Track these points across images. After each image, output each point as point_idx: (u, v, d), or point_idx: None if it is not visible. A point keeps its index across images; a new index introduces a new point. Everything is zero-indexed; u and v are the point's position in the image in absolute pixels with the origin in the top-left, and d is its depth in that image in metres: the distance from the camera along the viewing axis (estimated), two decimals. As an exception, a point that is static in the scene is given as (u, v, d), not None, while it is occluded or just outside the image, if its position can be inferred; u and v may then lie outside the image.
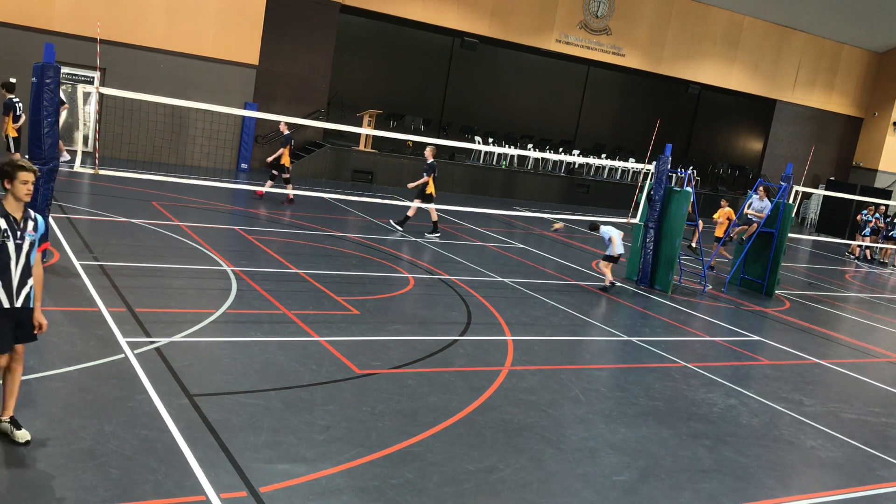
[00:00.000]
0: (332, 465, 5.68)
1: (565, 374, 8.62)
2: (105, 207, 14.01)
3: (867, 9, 31.23)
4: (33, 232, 5.29)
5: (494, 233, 18.43)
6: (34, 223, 5.33)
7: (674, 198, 14.00)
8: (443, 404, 7.17)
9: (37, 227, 5.33)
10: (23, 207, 5.26)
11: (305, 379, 7.31)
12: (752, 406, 8.51)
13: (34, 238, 5.30)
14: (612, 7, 28.97)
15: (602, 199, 28.45)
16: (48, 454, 5.25)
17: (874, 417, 8.81)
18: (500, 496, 5.67)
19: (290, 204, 17.58)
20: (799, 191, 16.63)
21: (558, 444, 6.70)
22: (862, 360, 11.52)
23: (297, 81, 24.19)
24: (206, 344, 7.95)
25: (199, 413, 6.21)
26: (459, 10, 26.42)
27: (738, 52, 31.92)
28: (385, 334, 9.09)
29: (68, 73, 19.21)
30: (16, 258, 5.20)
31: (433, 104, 30.59)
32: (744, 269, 15.78)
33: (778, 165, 33.52)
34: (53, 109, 9.79)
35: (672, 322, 11.99)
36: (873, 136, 35.60)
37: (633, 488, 6.09)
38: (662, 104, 33.49)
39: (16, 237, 5.19)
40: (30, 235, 5.27)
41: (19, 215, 5.24)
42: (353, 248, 13.89)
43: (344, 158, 24.26)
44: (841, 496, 6.62)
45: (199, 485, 5.14)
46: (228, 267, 11.10)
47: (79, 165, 10.94)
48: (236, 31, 22.03)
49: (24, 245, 5.25)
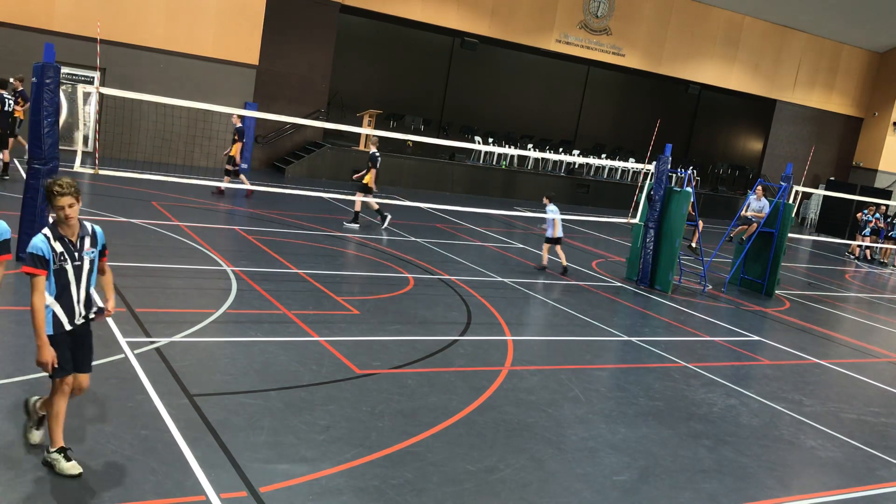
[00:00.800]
0: (332, 465, 5.68)
1: (565, 374, 8.62)
2: (105, 207, 14.01)
3: (867, 9, 31.22)
4: (92, 248, 5.05)
5: (494, 233, 18.43)
6: (92, 238, 5.07)
7: (674, 198, 14.00)
8: (443, 404, 7.17)
9: (96, 241, 5.09)
10: (78, 226, 4.97)
11: (305, 379, 7.31)
12: (752, 406, 8.51)
13: (93, 255, 5.06)
14: (612, 7, 28.97)
15: (602, 200, 28.45)
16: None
17: (874, 417, 8.81)
18: (500, 496, 5.67)
19: (220, 195, 17.27)
20: (799, 191, 16.62)
21: (558, 444, 6.70)
22: (862, 360, 11.52)
23: (297, 81, 24.20)
24: (206, 344, 7.95)
25: (199, 413, 6.21)
26: (459, 10, 26.43)
27: (738, 52, 31.92)
28: (385, 334, 9.09)
29: (68, 73, 19.20)
30: (76, 280, 4.98)
31: (433, 104, 30.60)
32: (744, 269, 15.78)
33: (778, 165, 33.52)
34: (53, 109, 9.80)
35: (672, 322, 11.99)
36: (873, 136, 35.60)
37: (633, 488, 6.09)
38: (662, 104, 33.50)
39: (73, 259, 4.94)
40: (88, 254, 5.02)
41: (74, 236, 4.96)
42: (353, 248, 13.88)
43: (344, 158, 24.26)
44: (841, 496, 6.62)
45: (199, 485, 5.14)
46: (228, 267, 11.11)
47: (79, 165, 10.94)
48: (236, 31, 22.04)
49: (85, 265, 5.01)
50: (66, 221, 4.87)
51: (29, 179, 9.84)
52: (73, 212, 4.85)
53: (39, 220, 9.85)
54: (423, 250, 14.70)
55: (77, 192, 4.86)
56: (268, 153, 24.36)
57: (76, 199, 4.85)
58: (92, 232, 5.10)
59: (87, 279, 5.06)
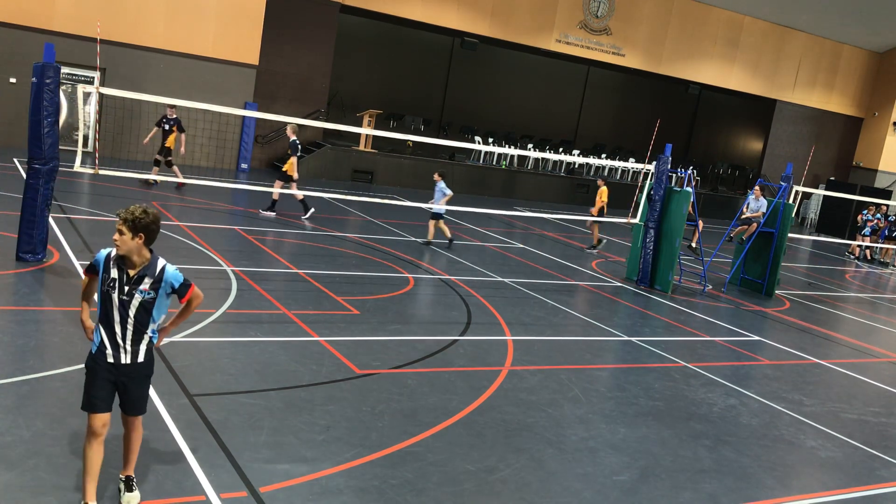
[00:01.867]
0: (332, 465, 5.68)
1: (565, 374, 8.62)
2: (105, 207, 14.02)
3: (867, 9, 31.22)
4: (149, 290, 4.59)
5: (494, 233, 18.43)
6: (154, 281, 4.61)
7: (674, 198, 14.00)
8: (443, 404, 7.17)
9: (159, 285, 4.62)
10: (147, 260, 4.62)
11: (305, 379, 7.31)
12: (752, 406, 8.51)
13: (147, 297, 4.59)
14: (612, 7, 28.97)
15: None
16: (49, 454, 5.24)
17: (874, 417, 8.81)
18: (500, 496, 5.66)
19: (148, 187, 16.90)
20: (799, 191, 16.62)
21: (558, 444, 6.70)
22: (862, 360, 11.52)
23: (297, 81, 24.20)
24: (206, 344, 7.95)
25: (199, 413, 6.21)
26: (459, 10, 26.43)
27: (738, 52, 31.92)
28: (385, 334, 9.09)
29: (68, 73, 19.21)
30: (119, 314, 4.57)
31: (433, 104, 30.60)
32: (744, 269, 15.79)
33: (778, 165, 33.53)
34: (53, 109, 9.80)
35: (672, 322, 11.99)
36: (873, 136, 35.60)
37: (633, 488, 6.09)
38: (662, 104, 33.49)
39: (122, 292, 4.55)
40: (141, 293, 4.57)
41: (134, 269, 4.58)
42: (353, 248, 13.89)
43: (344, 158, 24.27)
44: (841, 496, 6.62)
45: (199, 485, 5.14)
46: (228, 267, 11.10)
47: (79, 165, 10.94)
48: (236, 31, 22.04)
49: (133, 302, 4.57)
50: (117, 248, 4.57)
51: (29, 179, 9.84)
52: (119, 239, 4.52)
53: (39, 220, 9.86)
54: (424, 250, 14.70)
55: (126, 223, 4.49)
56: (268, 153, 24.36)
57: (126, 229, 4.49)
58: (158, 273, 4.65)
59: (136, 319, 4.61)
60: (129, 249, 4.54)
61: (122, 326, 4.60)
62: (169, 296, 4.73)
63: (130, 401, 4.77)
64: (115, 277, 4.57)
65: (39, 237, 9.89)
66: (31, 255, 9.84)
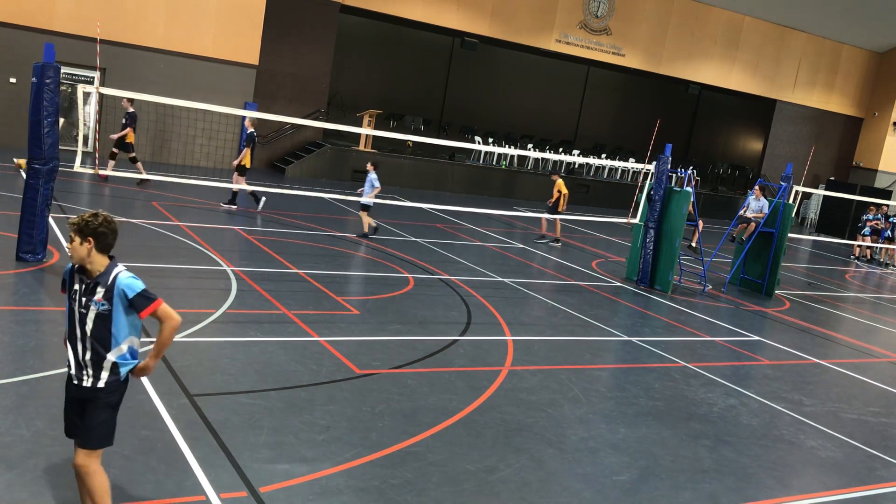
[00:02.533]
0: (332, 465, 5.68)
1: (565, 374, 8.62)
2: (105, 207, 14.02)
3: (867, 9, 31.24)
4: (103, 300, 4.17)
5: (494, 233, 18.44)
6: (107, 289, 4.17)
7: (674, 198, 14.00)
8: (443, 404, 7.16)
9: (111, 294, 4.17)
10: (104, 268, 4.22)
11: (305, 379, 7.31)
12: (752, 406, 8.51)
13: (101, 308, 4.18)
14: (612, 7, 28.97)
15: (602, 199, 28.45)
16: (48, 454, 5.24)
17: (874, 417, 8.81)
18: (500, 496, 5.66)
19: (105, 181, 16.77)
20: (799, 191, 16.62)
21: (558, 444, 6.70)
22: (862, 360, 11.52)
23: (297, 81, 24.21)
24: (206, 344, 7.95)
25: (199, 413, 6.21)
26: (459, 11, 26.43)
27: (738, 52, 31.93)
28: (385, 334, 9.09)
29: (68, 73, 19.21)
30: (80, 330, 4.23)
31: (433, 104, 30.60)
32: (744, 269, 15.78)
33: (778, 165, 33.53)
34: (53, 109, 9.80)
35: (672, 322, 11.99)
36: (873, 136, 35.61)
37: (633, 488, 6.09)
38: (662, 104, 33.50)
39: (80, 304, 4.21)
40: (96, 304, 4.17)
41: (91, 278, 4.21)
42: (353, 248, 13.88)
43: (344, 158, 24.27)
44: (841, 496, 6.62)
45: (199, 485, 5.14)
46: (228, 267, 11.10)
47: (79, 165, 10.94)
48: (236, 31, 22.04)
49: (90, 314, 4.18)
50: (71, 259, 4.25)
51: (29, 179, 9.84)
52: (69, 247, 4.22)
53: (39, 220, 9.86)
54: (423, 250, 14.70)
55: (74, 227, 4.16)
56: (268, 153, 24.36)
57: (74, 234, 4.16)
58: (111, 283, 4.20)
59: (92, 334, 4.21)
60: (81, 257, 4.17)
61: (82, 343, 4.24)
62: (128, 310, 4.24)
63: (84, 426, 4.26)
64: (77, 289, 4.24)
65: (39, 237, 9.90)
66: (31, 255, 9.85)
